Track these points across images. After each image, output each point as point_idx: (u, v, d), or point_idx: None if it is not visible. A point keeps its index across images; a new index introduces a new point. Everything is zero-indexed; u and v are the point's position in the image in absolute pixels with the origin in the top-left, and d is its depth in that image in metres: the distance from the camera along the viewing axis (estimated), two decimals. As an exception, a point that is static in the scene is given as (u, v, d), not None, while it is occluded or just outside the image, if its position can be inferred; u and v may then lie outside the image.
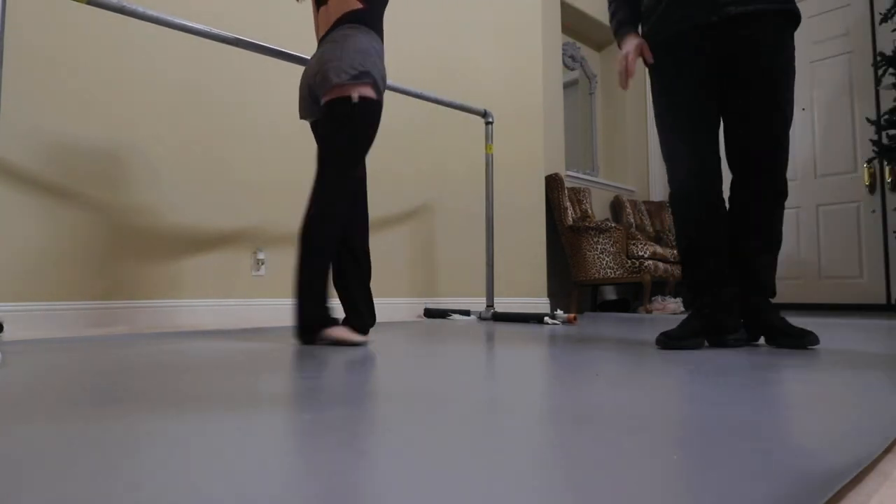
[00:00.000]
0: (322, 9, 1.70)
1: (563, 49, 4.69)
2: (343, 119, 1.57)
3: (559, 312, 2.67)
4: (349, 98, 1.56)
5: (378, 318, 3.06)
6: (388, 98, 3.18)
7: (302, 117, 1.77)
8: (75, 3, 2.06)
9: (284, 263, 2.84)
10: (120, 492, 0.41)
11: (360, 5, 1.65)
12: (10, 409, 0.70)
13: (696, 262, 1.56)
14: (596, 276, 3.81)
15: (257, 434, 0.58)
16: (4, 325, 2.05)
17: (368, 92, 1.59)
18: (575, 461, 0.49)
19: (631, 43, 1.62)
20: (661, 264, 3.78)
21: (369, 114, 1.60)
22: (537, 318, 2.65)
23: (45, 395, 0.80)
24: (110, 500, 0.39)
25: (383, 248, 3.16)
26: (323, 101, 1.60)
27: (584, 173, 4.73)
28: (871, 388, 0.89)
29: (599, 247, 3.79)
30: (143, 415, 0.67)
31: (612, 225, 3.76)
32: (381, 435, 0.57)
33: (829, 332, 2.13)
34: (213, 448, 0.52)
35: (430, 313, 3.12)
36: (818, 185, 4.25)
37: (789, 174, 4.39)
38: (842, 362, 1.21)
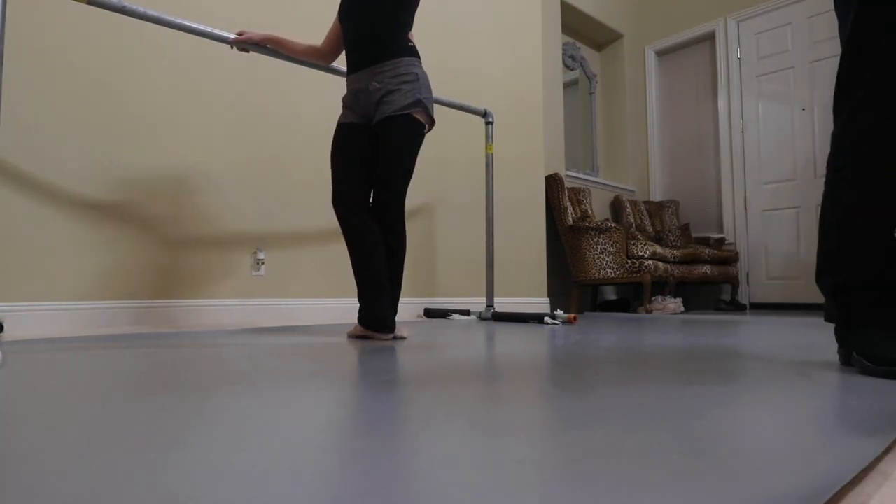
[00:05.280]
0: None
1: (563, 49, 4.70)
2: None
3: (559, 312, 2.67)
4: None
5: (378, 318, 3.07)
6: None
7: None
8: (76, 2, 2.06)
9: (284, 263, 2.84)
10: (127, 488, 0.41)
11: None
12: (11, 409, 0.69)
13: None
14: (596, 276, 3.81)
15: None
16: (4, 325, 2.05)
17: None
18: (573, 461, 0.49)
19: None
20: (661, 264, 3.79)
21: None
22: (537, 318, 2.65)
23: (47, 394, 0.80)
24: (116, 496, 0.39)
25: (383, 248, 3.16)
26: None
27: (584, 173, 4.73)
28: (870, 388, 0.89)
29: (599, 247, 3.79)
30: (143, 410, 0.67)
31: (612, 225, 3.76)
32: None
33: (829, 332, 2.13)
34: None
35: (429, 313, 3.12)
36: (818, 185, 4.25)
37: (789, 174, 4.39)
38: (839, 362, 1.21)
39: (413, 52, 1.84)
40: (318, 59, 2.06)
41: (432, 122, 1.87)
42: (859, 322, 1.08)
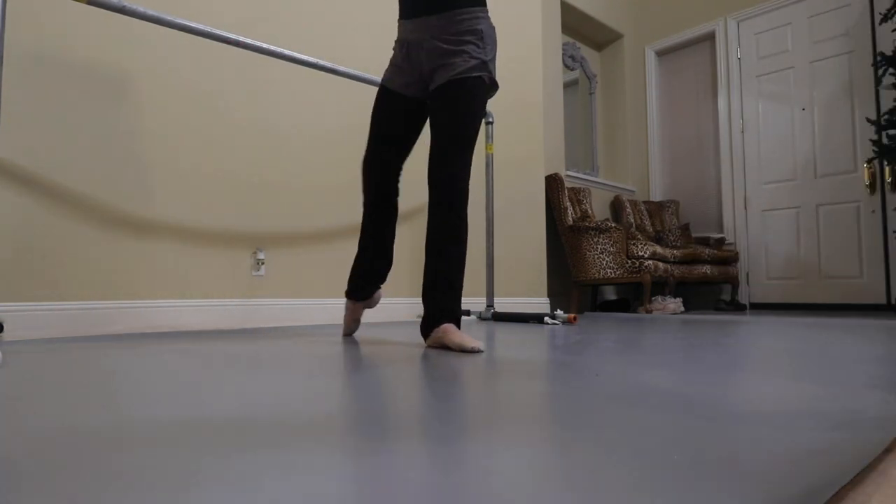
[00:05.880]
0: None
1: (563, 49, 4.70)
2: None
3: (559, 312, 2.67)
4: None
5: (377, 319, 3.06)
6: (388, 98, 3.18)
7: None
8: (76, 2, 2.06)
9: (284, 263, 2.84)
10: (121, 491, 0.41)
11: None
12: (10, 410, 0.69)
13: None
14: (596, 276, 3.81)
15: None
16: (4, 325, 2.05)
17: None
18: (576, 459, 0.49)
19: None
20: (661, 264, 3.78)
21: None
22: (537, 318, 2.65)
23: (46, 394, 0.79)
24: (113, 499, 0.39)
25: (383, 248, 3.16)
26: None
27: (584, 173, 4.73)
28: (870, 388, 0.89)
29: (599, 247, 3.79)
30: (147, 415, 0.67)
31: (612, 225, 3.76)
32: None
33: (829, 332, 2.13)
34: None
35: (430, 313, 3.12)
36: (818, 185, 4.25)
37: (789, 174, 4.39)
38: (840, 362, 1.21)
39: (479, 1, 1.53)
40: None
41: (496, 87, 1.59)
42: None
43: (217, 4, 2.67)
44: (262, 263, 2.75)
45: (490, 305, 3.02)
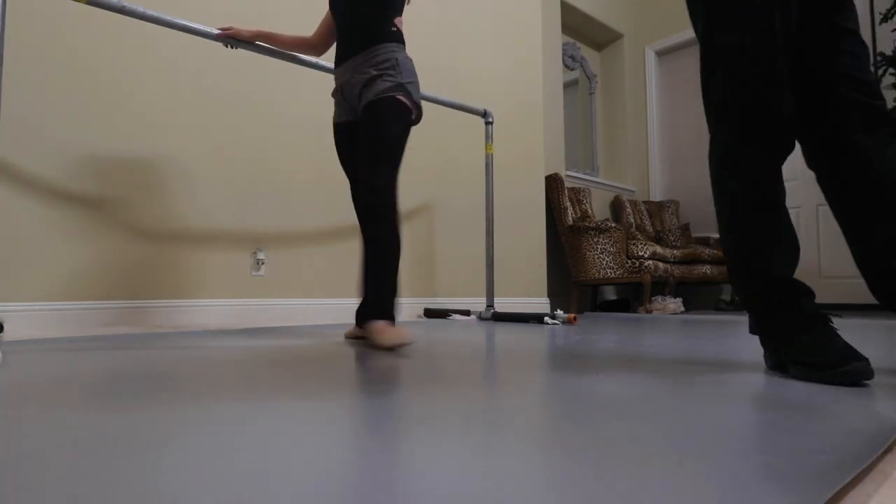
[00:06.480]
0: None
1: (563, 49, 4.70)
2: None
3: (559, 312, 2.66)
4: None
5: (378, 318, 3.07)
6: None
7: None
8: (76, 2, 2.06)
9: (284, 263, 2.84)
10: (127, 487, 0.41)
11: None
12: (10, 410, 0.69)
13: None
14: (596, 276, 3.81)
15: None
16: (4, 325, 2.05)
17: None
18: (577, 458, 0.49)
19: None
20: (661, 264, 3.78)
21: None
22: (537, 318, 2.65)
23: (47, 394, 0.79)
24: (119, 496, 0.39)
25: (383, 248, 3.15)
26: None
27: (584, 173, 4.73)
28: (871, 388, 0.89)
29: (599, 247, 3.79)
30: (145, 412, 0.67)
31: (612, 225, 3.76)
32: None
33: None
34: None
35: (430, 313, 3.12)
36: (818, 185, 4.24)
37: (789, 174, 4.39)
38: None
39: (395, 38, 1.75)
40: (308, 50, 2.00)
41: (419, 110, 1.76)
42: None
43: (217, 4, 2.67)
44: (262, 263, 2.75)
45: (490, 305, 3.02)
